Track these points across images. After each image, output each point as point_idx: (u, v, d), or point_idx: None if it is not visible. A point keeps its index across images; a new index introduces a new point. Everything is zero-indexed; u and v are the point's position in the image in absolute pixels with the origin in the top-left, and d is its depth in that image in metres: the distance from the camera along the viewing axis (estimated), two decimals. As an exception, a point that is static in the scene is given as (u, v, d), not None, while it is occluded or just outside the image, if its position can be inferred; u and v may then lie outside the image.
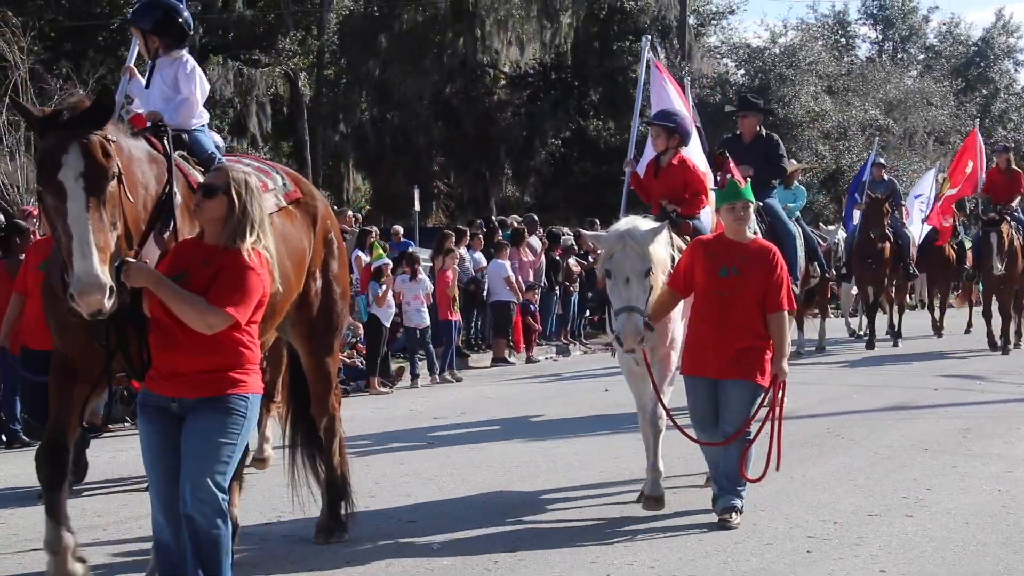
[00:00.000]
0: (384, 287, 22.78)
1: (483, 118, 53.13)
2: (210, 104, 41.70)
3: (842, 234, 30.84)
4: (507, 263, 27.05)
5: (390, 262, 23.86)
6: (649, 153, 14.58)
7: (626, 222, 11.30)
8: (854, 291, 32.65)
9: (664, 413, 11.42)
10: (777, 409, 10.75)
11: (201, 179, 9.10)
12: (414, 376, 23.90)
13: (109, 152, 7.68)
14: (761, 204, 16.49)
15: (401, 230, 31.51)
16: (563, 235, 31.33)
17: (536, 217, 32.95)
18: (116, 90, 10.14)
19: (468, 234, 28.70)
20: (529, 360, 27.60)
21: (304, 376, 10.92)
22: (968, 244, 32.06)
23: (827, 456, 14.34)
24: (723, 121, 49.21)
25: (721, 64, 57.80)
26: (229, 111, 46.74)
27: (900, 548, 10.09)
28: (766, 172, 17.77)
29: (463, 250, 27.34)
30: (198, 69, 10.43)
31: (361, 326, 23.34)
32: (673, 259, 11.44)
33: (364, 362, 23.25)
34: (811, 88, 50.90)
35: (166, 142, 9.12)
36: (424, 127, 53.01)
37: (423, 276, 24.33)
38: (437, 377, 23.95)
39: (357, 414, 19.24)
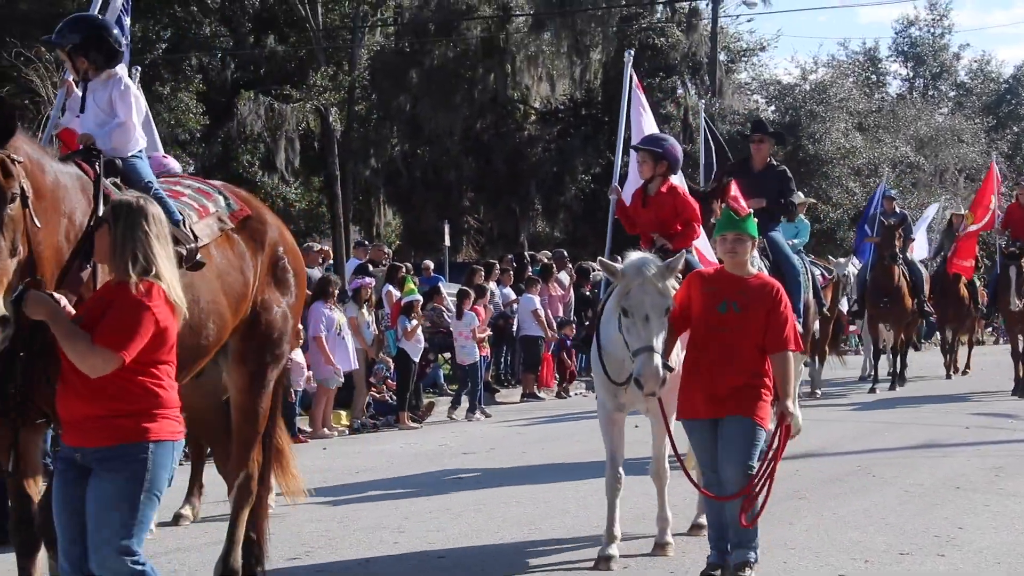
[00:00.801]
0: (413, 322, 22.76)
1: (513, 153, 53.19)
2: (241, 139, 41.96)
3: (852, 268, 29.86)
4: (536, 298, 27.03)
5: (420, 297, 23.88)
6: (635, 181, 13.87)
7: (639, 256, 10.53)
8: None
9: (677, 459, 10.74)
10: (776, 452, 10.06)
11: None
12: (455, 407, 24.19)
13: (10, 172, 7.22)
14: (764, 238, 14.92)
15: (432, 265, 31.58)
16: (593, 270, 31.31)
17: (565, 252, 32.97)
18: (51, 107, 9.75)
19: (497, 269, 28.75)
20: (559, 395, 27.55)
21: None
22: (978, 282, 31.36)
23: (858, 494, 14.25)
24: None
25: (751, 100, 57.89)
26: (260, 146, 46.90)
27: (931, 587, 10.03)
28: (774, 205, 16.16)
29: (492, 285, 27.36)
30: (133, 88, 9.66)
31: (391, 360, 23.36)
32: None
33: (394, 397, 23.26)
34: (842, 125, 50.86)
35: (97, 168, 8.63)
36: (455, 162, 53.12)
37: (469, 312, 24.32)
38: (466, 414, 23.89)
39: (386, 449, 19.31)
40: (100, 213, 8.09)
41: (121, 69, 9.50)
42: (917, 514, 13.03)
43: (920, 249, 32.22)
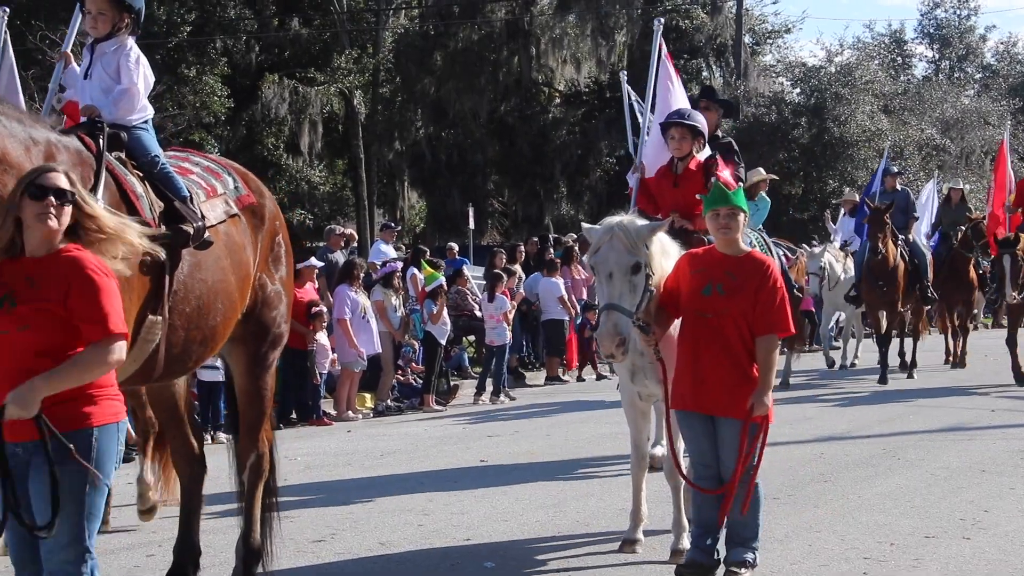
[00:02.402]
0: (439, 305, 22.76)
1: (538, 136, 53.19)
2: (265, 122, 41.92)
3: (828, 257, 27.70)
4: (560, 281, 26.96)
5: (444, 280, 23.87)
6: (658, 159, 13.29)
7: (618, 217, 9.91)
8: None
9: (672, 458, 10.13)
10: (756, 447, 9.25)
11: (138, 186, 8.58)
12: (480, 393, 24.09)
13: None
14: None
15: (456, 247, 31.58)
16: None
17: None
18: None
19: (520, 252, 28.80)
20: (579, 379, 27.46)
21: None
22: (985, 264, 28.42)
23: (883, 477, 14.21)
24: (779, 139, 49.21)
25: (777, 83, 57.79)
26: (284, 129, 46.94)
27: (957, 570, 9.99)
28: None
29: (518, 268, 27.37)
30: (143, 59, 9.30)
31: (417, 343, 23.39)
32: None
33: (419, 380, 23.29)
34: (867, 107, 50.70)
35: (101, 141, 8.44)
36: (479, 145, 53.18)
37: (501, 295, 24.31)
38: (491, 397, 23.87)
39: (411, 431, 19.33)
40: (101, 188, 8.00)
41: (131, 40, 9.27)
42: (942, 497, 12.98)
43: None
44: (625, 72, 17.54)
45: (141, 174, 8.79)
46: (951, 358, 28.41)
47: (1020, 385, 23.58)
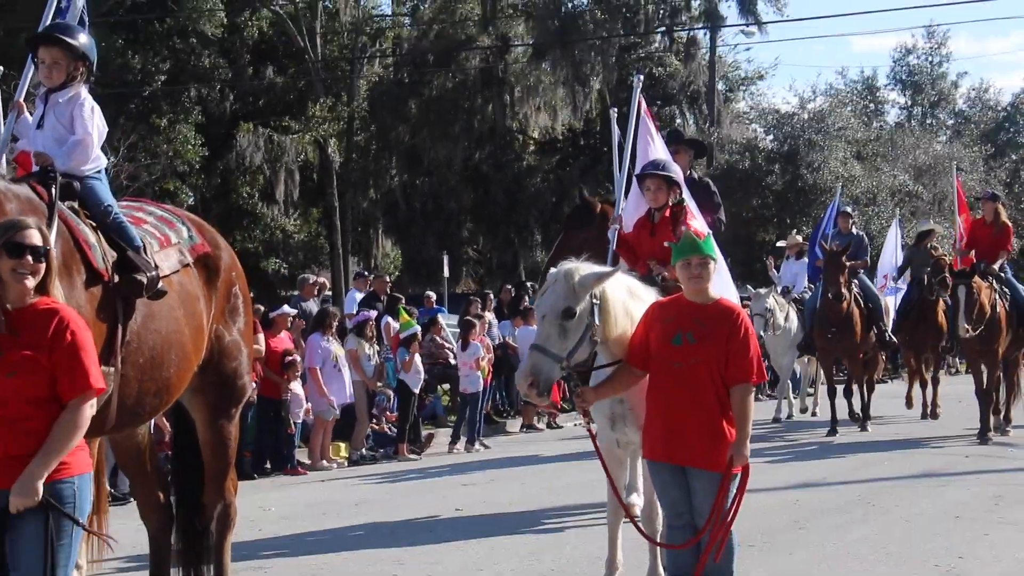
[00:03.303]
0: (411, 353, 22.76)
1: (512, 184, 53.37)
2: (240, 170, 42.06)
3: (772, 301, 26.10)
4: (535, 329, 26.83)
5: (419, 329, 23.87)
6: (636, 210, 13.46)
7: (573, 262, 9.72)
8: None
9: (623, 509, 10.32)
10: (731, 499, 9.03)
11: (91, 236, 8.55)
12: (455, 442, 24.03)
13: None
14: None
15: (433, 296, 31.61)
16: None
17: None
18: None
19: (492, 300, 28.86)
20: (550, 426, 27.31)
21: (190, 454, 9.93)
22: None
23: (858, 524, 14.20)
24: (752, 186, 49.42)
25: (750, 129, 58.10)
26: (259, 177, 46.99)
27: (932, 618, 9.99)
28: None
29: (490, 315, 27.37)
30: (98, 109, 9.28)
31: (391, 392, 23.36)
32: None
33: (393, 428, 23.26)
34: (840, 153, 50.95)
35: (53, 191, 8.38)
36: (454, 193, 53.29)
37: (475, 343, 24.27)
38: (465, 445, 23.83)
39: (385, 480, 19.29)
40: (53, 237, 7.82)
41: (85, 90, 9.23)
42: (918, 543, 12.98)
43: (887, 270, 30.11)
44: (615, 109, 17.46)
45: (94, 224, 8.76)
46: (924, 408, 26.83)
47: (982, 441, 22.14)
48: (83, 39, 9.25)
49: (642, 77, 16.38)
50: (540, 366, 9.28)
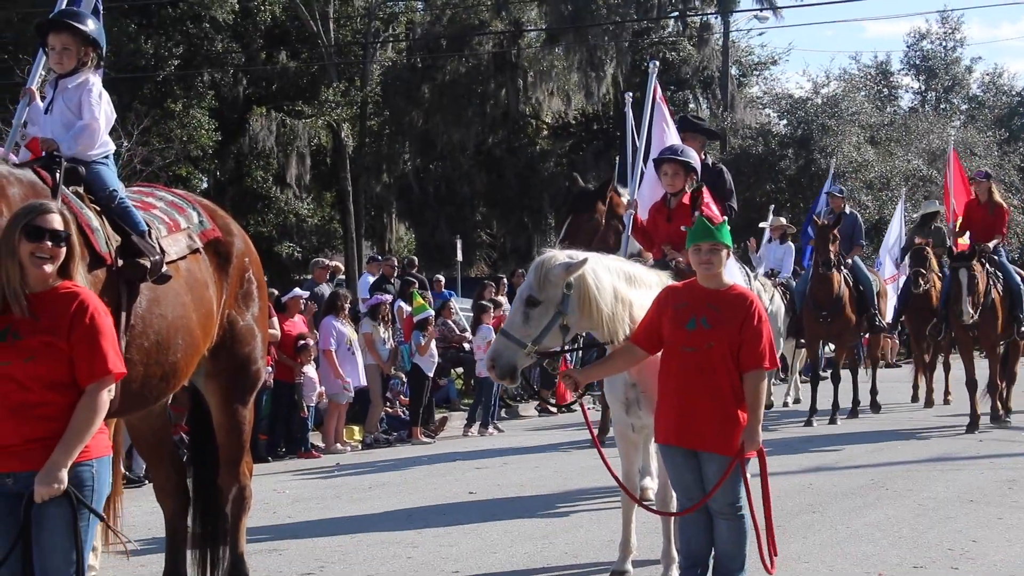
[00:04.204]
0: (427, 337, 22.78)
1: (526, 168, 53.36)
2: (253, 155, 41.93)
3: (756, 284, 22.47)
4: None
5: (432, 313, 23.88)
6: (652, 195, 13.64)
7: (554, 252, 9.92)
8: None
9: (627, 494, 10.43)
10: (759, 485, 9.17)
11: (94, 220, 8.58)
12: (470, 424, 24.10)
13: None
14: None
15: (443, 279, 31.59)
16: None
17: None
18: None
19: (505, 283, 28.84)
20: (569, 409, 27.18)
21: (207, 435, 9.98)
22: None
23: (871, 507, 14.21)
24: (766, 171, 49.33)
25: (763, 115, 57.94)
26: (272, 161, 46.99)
27: (945, 601, 9.99)
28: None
29: (503, 299, 27.34)
30: (106, 95, 9.33)
31: (405, 376, 23.37)
32: None
33: (407, 412, 23.27)
34: (854, 138, 50.77)
35: (57, 175, 8.47)
36: (467, 177, 53.23)
37: (488, 326, 24.17)
38: (479, 429, 23.83)
39: (399, 464, 19.31)
40: None
41: (95, 76, 9.27)
42: (930, 527, 12.99)
43: (890, 266, 29.25)
44: (630, 95, 17.44)
45: (99, 208, 8.77)
46: (928, 395, 26.51)
47: (994, 423, 22.10)
48: (92, 25, 9.30)
49: (657, 63, 16.42)
50: (501, 351, 9.50)
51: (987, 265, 21.95)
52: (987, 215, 22.72)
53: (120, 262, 8.53)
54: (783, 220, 28.55)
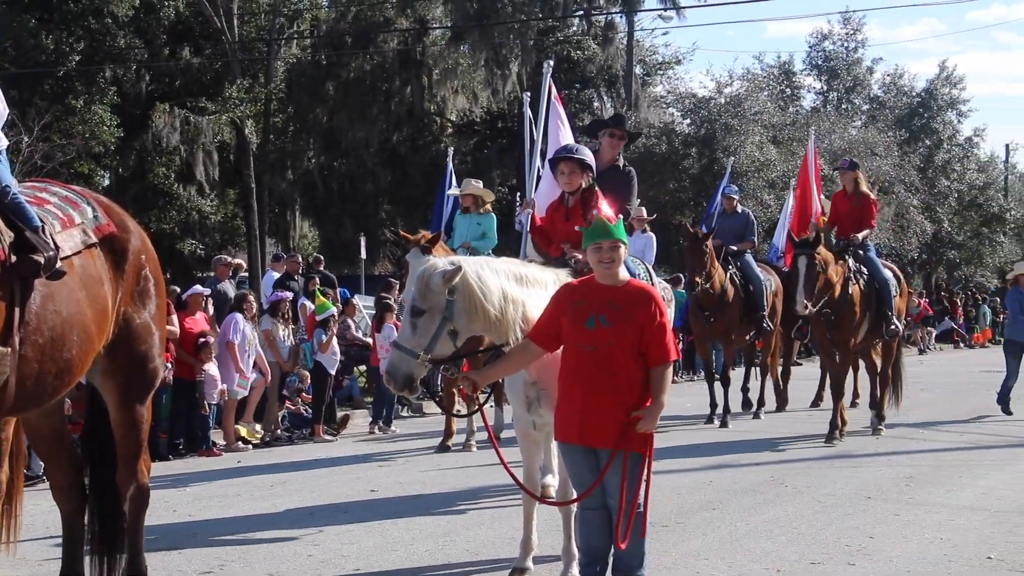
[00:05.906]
0: (328, 334, 22.73)
1: (430, 166, 53.28)
2: (156, 151, 41.73)
3: (659, 280, 22.96)
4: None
5: (335, 311, 23.83)
6: (549, 194, 13.59)
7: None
8: None
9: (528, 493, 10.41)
10: (640, 478, 9.04)
11: None
12: (375, 422, 23.88)
13: None
14: None
15: (334, 278, 31.46)
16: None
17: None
18: None
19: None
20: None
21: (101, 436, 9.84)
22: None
23: (770, 504, 14.33)
24: (669, 170, 49.57)
25: (667, 114, 58.17)
26: (176, 158, 46.72)
27: (842, 596, 10.08)
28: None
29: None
30: None
31: (307, 373, 23.30)
32: None
33: (309, 410, 23.20)
34: (756, 138, 51.12)
35: None
36: (372, 175, 53.23)
37: (390, 324, 24.05)
38: (380, 426, 23.78)
39: (301, 462, 19.23)
40: None
41: None
42: (829, 524, 13.11)
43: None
44: (528, 94, 17.47)
45: None
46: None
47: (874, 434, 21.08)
48: None
49: (552, 63, 16.46)
50: (396, 363, 9.50)
51: (850, 260, 20.76)
52: (852, 207, 21.56)
53: (13, 258, 8.41)
54: (644, 211, 28.42)
